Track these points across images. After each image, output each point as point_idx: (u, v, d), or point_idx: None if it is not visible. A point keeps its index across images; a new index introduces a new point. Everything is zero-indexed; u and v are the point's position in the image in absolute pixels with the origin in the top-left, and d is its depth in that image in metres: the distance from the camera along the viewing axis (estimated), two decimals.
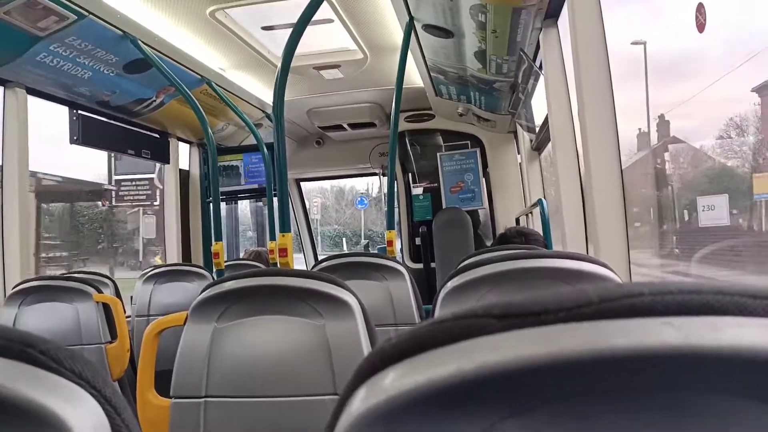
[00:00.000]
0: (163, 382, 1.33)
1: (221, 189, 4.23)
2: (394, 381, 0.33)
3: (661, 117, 7.08)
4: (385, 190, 3.66)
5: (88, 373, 0.41)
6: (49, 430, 0.38)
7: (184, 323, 1.23)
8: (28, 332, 0.42)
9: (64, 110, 3.20)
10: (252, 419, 1.18)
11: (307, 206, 5.78)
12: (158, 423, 1.21)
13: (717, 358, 0.29)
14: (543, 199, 2.86)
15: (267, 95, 4.10)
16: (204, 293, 1.20)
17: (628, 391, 0.31)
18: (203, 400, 1.19)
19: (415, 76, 3.85)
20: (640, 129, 7.35)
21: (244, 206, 5.62)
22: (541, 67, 2.52)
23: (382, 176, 5.44)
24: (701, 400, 0.31)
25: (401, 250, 4.88)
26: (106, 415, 0.41)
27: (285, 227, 2.11)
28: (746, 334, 0.29)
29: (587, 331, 0.30)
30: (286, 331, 1.18)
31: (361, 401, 0.34)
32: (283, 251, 2.03)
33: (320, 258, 2.59)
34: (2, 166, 2.60)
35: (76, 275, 2.36)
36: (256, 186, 4.54)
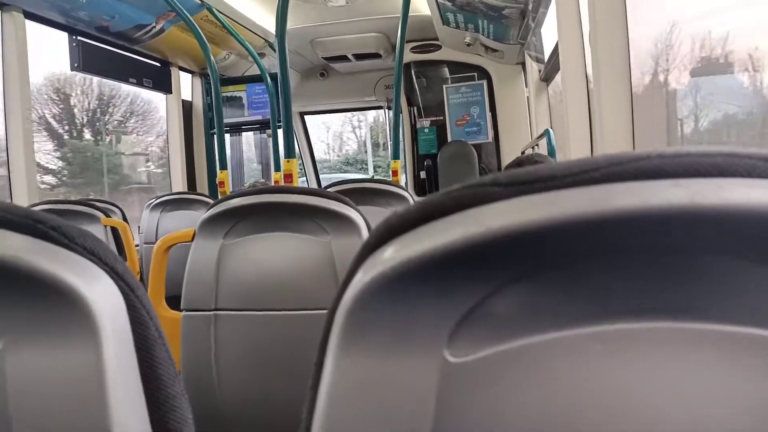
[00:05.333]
0: (173, 307, 1.36)
1: (224, 120, 4.20)
2: (400, 250, 0.33)
3: None
4: (391, 123, 3.62)
5: (99, 250, 0.42)
6: (65, 305, 0.39)
7: (192, 240, 1.25)
8: (39, 211, 0.42)
9: None
10: (260, 331, 1.21)
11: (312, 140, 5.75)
12: (170, 335, 1.25)
13: (724, 219, 0.29)
14: (549, 129, 2.82)
15: (269, 23, 3.99)
16: (211, 210, 1.21)
17: (633, 255, 0.31)
18: (213, 313, 1.22)
19: (421, 4, 3.73)
20: None
21: (248, 140, 5.59)
22: None
23: (387, 109, 5.38)
24: (706, 263, 0.31)
25: (406, 183, 4.88)
26: (119, 290, 0.42)
27: (290, 154, 2.10)
28: (755, 194, 0.29)
29: (594, 193, 0.30)
30: (293, 247, 1.20)
31: (367, 271, 0.34)
32: (288, 177, 2.03)
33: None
34: (4, 91, 2.57)
35: (84, 200, 2.37)
36: (260, 117, 4.49)
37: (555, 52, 2.88)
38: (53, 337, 0.39)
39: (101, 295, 0.40)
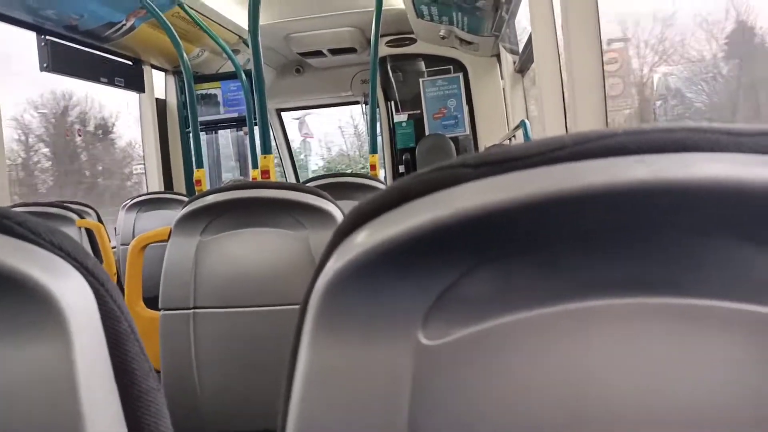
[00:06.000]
0: (151, 307, 1.35)
1: (200, 118, 4.15)
2: (371, 235, 0.33)
3: None
4: (368, 118, 3.62)
5: (68, 246, 0.41)
6: (33, 301, 0.38)
7: (168, 238, 1.24)
8: (4, 207, 0.41)
9: None
10: (239, 328, 1.21)
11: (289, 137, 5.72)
12: (148, 334, 1.24)
13: (689, 193, 0.29)
14: (525, 120, 2.85)
15: (242, 19, 3.95)
16: (187, 207, 1.20)
17: (601, 232, 0.32)
18: (191, 311, 1.21)
19: None
20: None
21: (225, 138, 5.54)
22: None
23: (364, 104, 5.37)
24: (673, 239, 0.31)
25: (384, 178, 4.88)
26: (90, 286, 0.41)
27: (266, 149, 2.09)
28: (718, 168, 0.29)
29: (560, 172, 0.31)
30: (270, 242, 1.19)
31: (339, 257, 0.34)
32: (265, 173, 2.02)
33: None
34: None
35: (56, 202, 2.33)
36: (236, 115, 4.46)
37: (529, 42, 2.90)
38: (22, 334, 0.38)
39: (70, 290, 0.39)
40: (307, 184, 2.01)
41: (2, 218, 0.39)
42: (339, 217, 1.19)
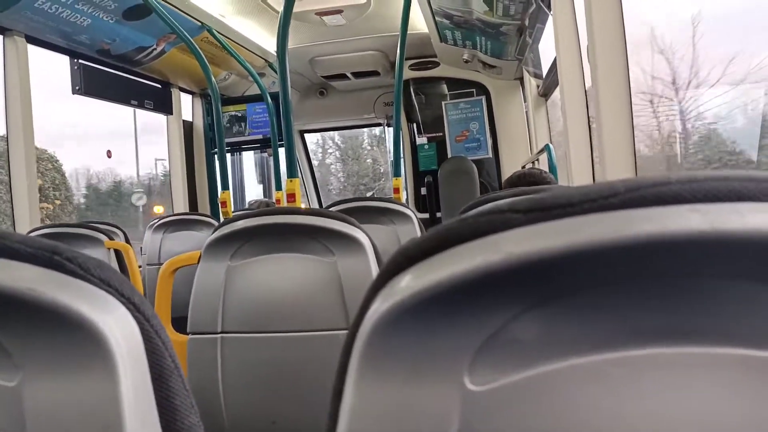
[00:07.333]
0: (178, 328, 1.36)
1: (225, 140, 4.21)
2: (419, 278, 0.33)
3: None
4: (390, 140, 3.64)
5: (115, 281, 0.42)
6: (81, 337, 0.38)
7: (198, 262, 1.25)
8: (55, 242, 0.42)
9: None
10: (267, 354, 1.21)
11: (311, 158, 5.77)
12: None
13: (743, 243, 0.29)
14: (549, 144, 2.84)
15: (269, 43, 4.02)
16: (217, 232, 1.22)
17: (652, 280, 0.31)
18: (219, 335, 1.22)
19: (419, 22, 3.77)
20: None
21: (248, 159, 5.61)
22: (549, 7, 2.46)
23: (386, 126, 5.41)
24: (725, 288, 0.31)
25: (407, 200, 4.89)
26: (136, 321, 0.42)
27: (293, 173, 2.11)
28: None
29: (613, 219, 0.30)
30: (299, 268, 1.20)
31: (385, 299, 0.34)
32: (291, 196, 2.04)
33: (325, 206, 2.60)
34: (6, 115, 2.59)
35: (85, 223, 2.37)
36: (260, 137, 4.51)
37: (553, 66, 2.90)
38: (70, 369, 0.39)
39: (118, 326, 0.40)
40: (332, 209, 2.02)
41: (53, 254, 0.40)
42: (367, 243, 1.19)
